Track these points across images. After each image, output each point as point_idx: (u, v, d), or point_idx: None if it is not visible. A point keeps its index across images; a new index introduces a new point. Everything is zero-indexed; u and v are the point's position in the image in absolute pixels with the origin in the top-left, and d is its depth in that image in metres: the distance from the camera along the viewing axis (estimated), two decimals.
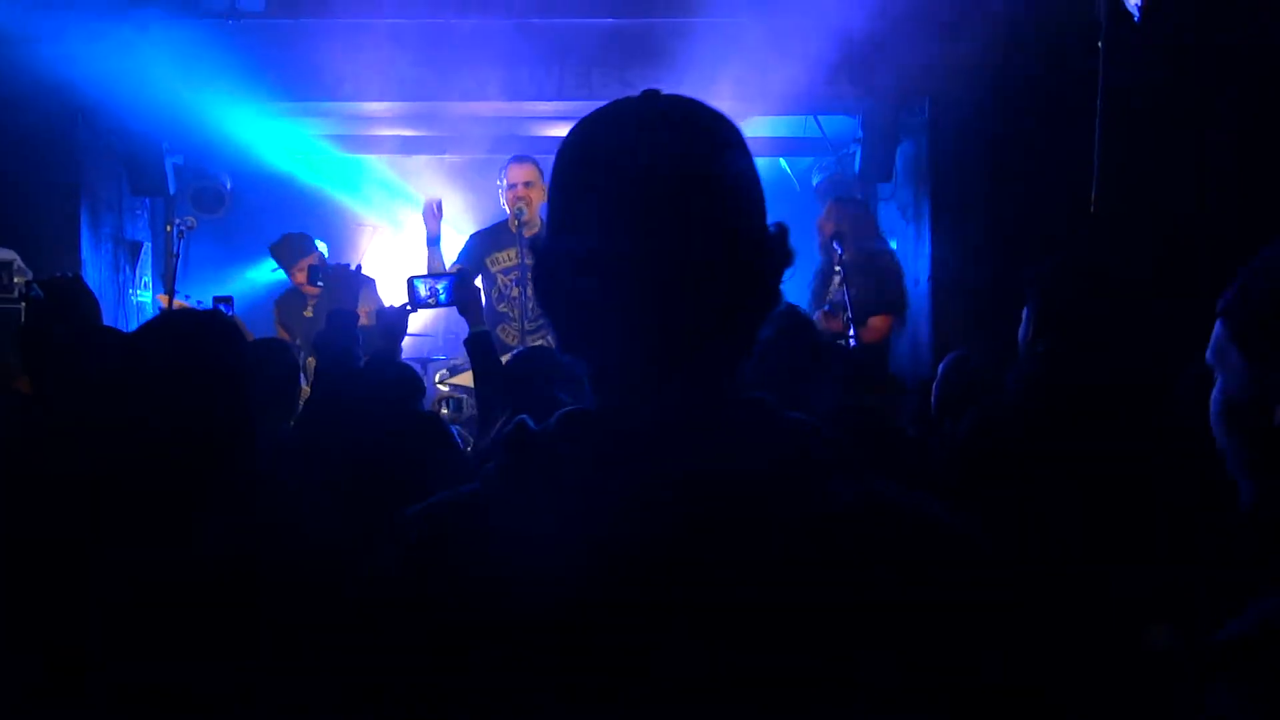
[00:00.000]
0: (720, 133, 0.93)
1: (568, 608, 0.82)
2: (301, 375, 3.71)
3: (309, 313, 5.45)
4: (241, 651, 1.66)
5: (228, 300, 4.63)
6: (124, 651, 1.65)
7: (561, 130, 6.00)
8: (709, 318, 0.89)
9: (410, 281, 3.54)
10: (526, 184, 4.95)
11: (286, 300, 5.71)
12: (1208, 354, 1.04)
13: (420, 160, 7.50)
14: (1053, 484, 2.03)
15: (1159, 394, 2.17)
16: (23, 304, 4.67)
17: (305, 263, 5.52)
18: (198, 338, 1.98)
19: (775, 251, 0.92)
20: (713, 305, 0.89)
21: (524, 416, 0.92)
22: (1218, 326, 1.03)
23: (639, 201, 0.87)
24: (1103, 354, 2.18)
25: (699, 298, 0.88)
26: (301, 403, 3.50)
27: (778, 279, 0.94)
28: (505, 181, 5.01)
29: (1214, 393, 1.02)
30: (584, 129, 0.95)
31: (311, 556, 1.93)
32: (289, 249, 5.64)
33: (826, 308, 5.04)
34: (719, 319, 0.90)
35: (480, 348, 3.28)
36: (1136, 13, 3.72)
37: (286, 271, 5.67)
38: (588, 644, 0.82)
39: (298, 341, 5.08)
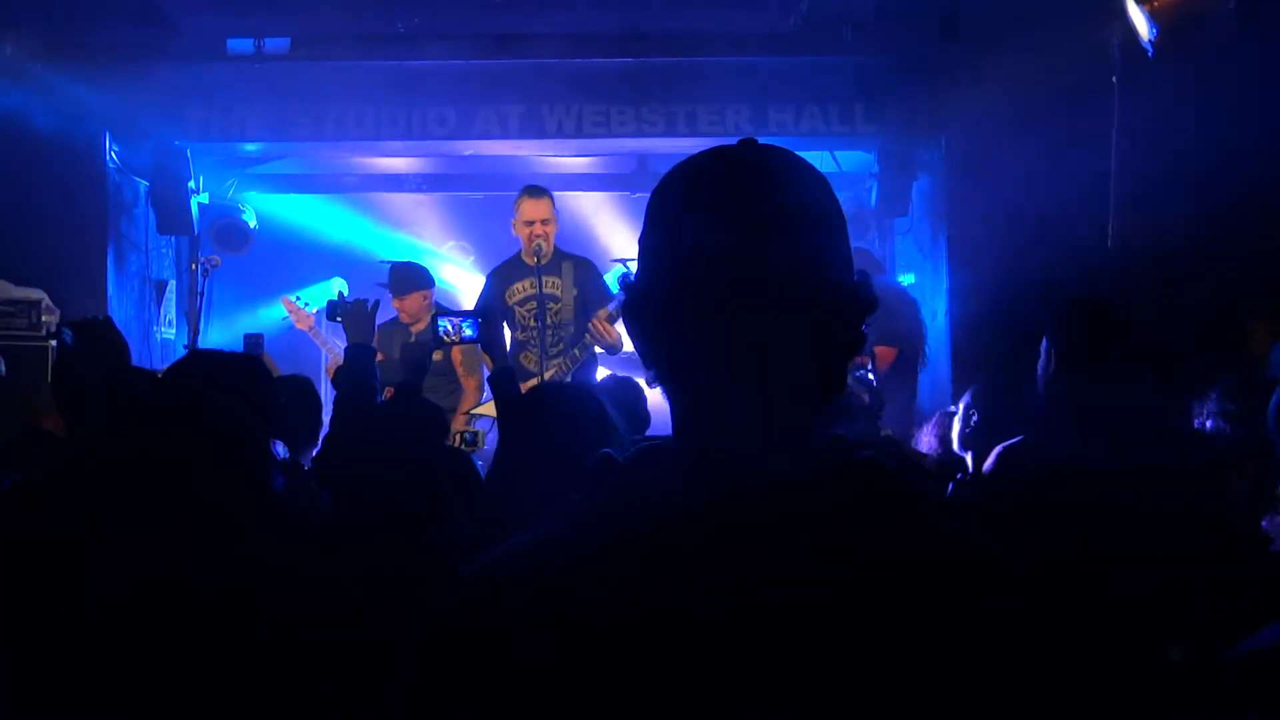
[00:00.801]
0: (813, 183, 0.96)
1: (666, 642, 0.84)
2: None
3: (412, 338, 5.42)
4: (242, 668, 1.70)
5: (258, 338, 4.67)
6: (142, 663, 1.70)
7: (579, 166, 6.08)
8: (799, 360, 0.92)
9: (435, 320, 3.60)
10: (543, 221, 5.00)
11: (387, 329, 5.60)
12: (1270, 369, 1.07)
13: (439, 197, 7.62)
14: (1077, 521, 2.03)
15: (1179, 426, 2.18)
16: (52, 343, 4.75)
17: (418, 295, 5.45)
18: (222, 380, 2.05)
19: (861, 297, 0.96)
20: (803, 348, 0.92)
21: (610, 450, 0.95)
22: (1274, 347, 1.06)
23: (734, 245, 0.90)
24: (1122, 389, 2.19)
25: (791, 342, 0.91)
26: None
27: (861, 323, 0.97)
28: (521, 217, 5.05)
29: (1274, 398, 1.03)
30: (681, 172, 0.97)
31: (321, 579, 1.99)
32: (408, 277, 5.48)
33: None
34: (808, 362, 0.92)
35: (504, 383, 3.32)
36: (1151, 50, 3.76)
37: (394, 295, 5.48)
38: (686, 682, 0.83)
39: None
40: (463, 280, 7.62)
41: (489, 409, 5.09)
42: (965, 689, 0.84)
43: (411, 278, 5.50)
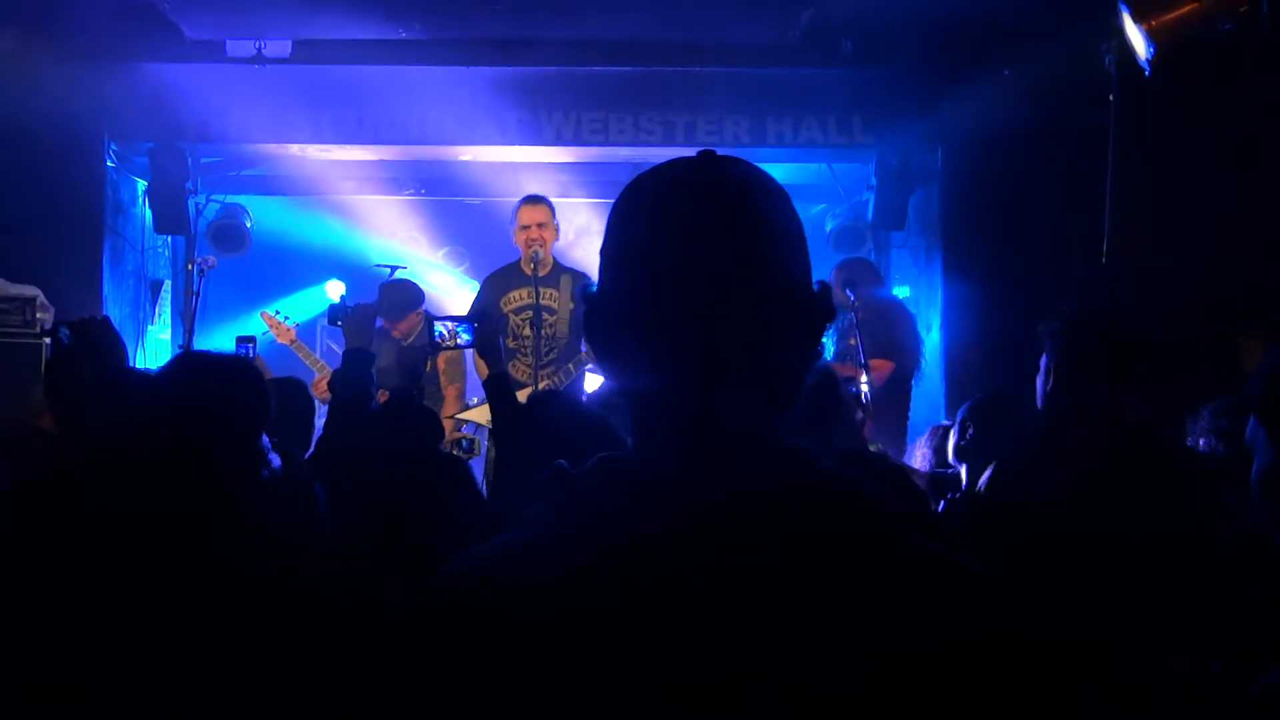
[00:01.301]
0: (771, 194, 0.97)
1: (615, 653, 0.85)
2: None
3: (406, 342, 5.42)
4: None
5: (250, 340, 4.67)
6: (141, 663, 1.70)
7: (575, 175, 6.07)
8: (756, 371, 0.93)
9: (429, 323, 3.59)
10: (540, 225, 5.01)
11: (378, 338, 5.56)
12: (1246, 436, 1.09)
13: (435, 202, 7.61)
14: (1075, 536, 2.03)
15: (1176, 441, 2.18)
16: (45, 340, 4.74)
17: (413, 316, 5.45)
18: (215, 379, 2.06)
19: (820, 308, 0.97)
20: (760, 359, 0.93)
21: (561, 462, 0.95)
22: (1251, 419, 1.08)
23: (690, 257, 0.92)
24: (1121, 405, 2.20)
25: (747, 352, 0.92)
26: None
27: (821, 334, 0.98)
28: (518, 223, 5.06)
29: (1254, 470, 1.06)
30: (639, 185, 0.99)
31: (318, 579, 2.00)
32: (401, 301, 5.47)
33: (838, 357, 5.09)
34: (766, 373, 0.93)
35: (499, 388, 3.32)
36: (1147, 68, 3.78)
37: (386, 317, 5.46)
38: (638, 696, 0.84)
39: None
40: (452, 286, 7.61)
41: (478, 414, 5.09)
42: (948, 690, 0.84)
43: (406, 301, 5.48)
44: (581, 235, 6.50)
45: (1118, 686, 1.82)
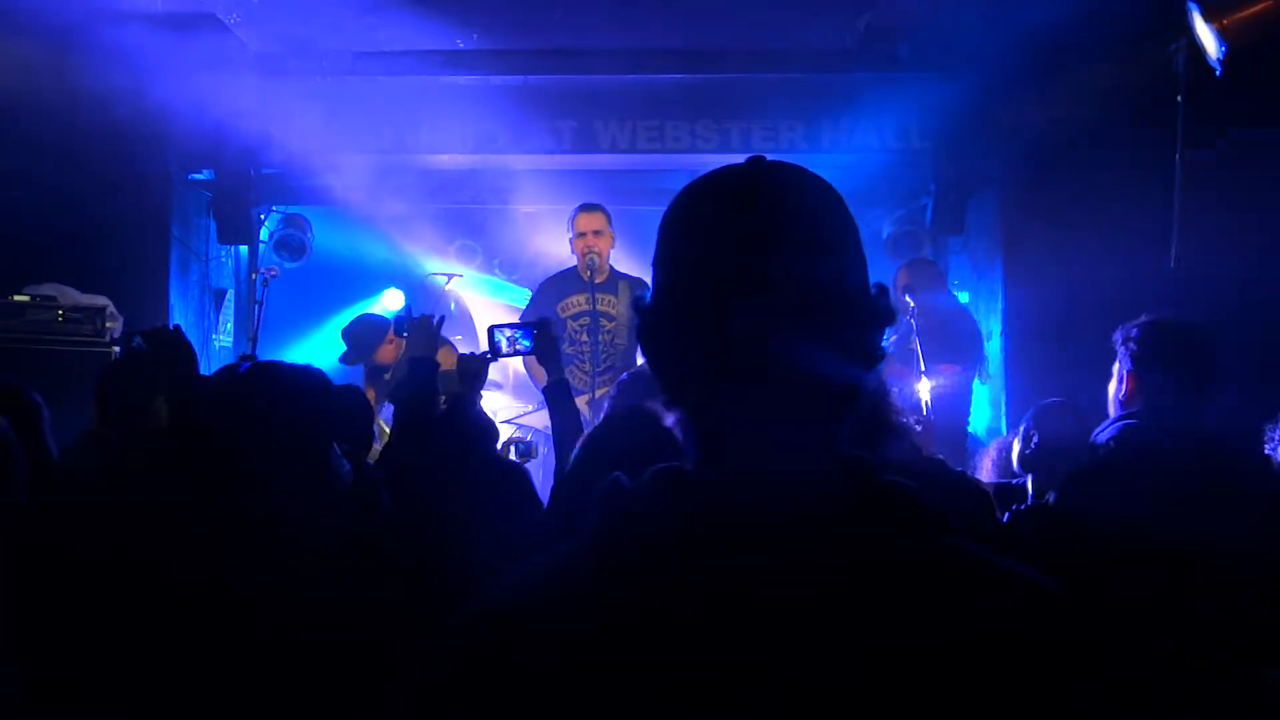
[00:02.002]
0: (823, 198, 0.95)
1: (673, 673, 0.84)
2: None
3: (388, 376, 5.53)
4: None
5: (250, 359, 4.79)
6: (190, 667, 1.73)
7: (631, 181, 6.09)
8: (815, 380, 0.91)
9: (491, 331, 3.60)
10: (596, 232, 5.04)
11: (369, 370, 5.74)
12: None
13: (490, 210, 7.66)
14: (1148, 553, 1.98)
15: (1255, 451, 2.12)
16: (115, 349, 4.85)
17: (388, 349, 5.49)
18: (279, 389, 2.09)
19: (878, 310, 0.95)
20: (819, 367, 0.91)
21: (618, 474, 0.94)
22: None
23: (744, 266, 0.90)
24: (1200, 413, 2.15)
25: (805, 361, 0.90)
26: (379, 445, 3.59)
27: (880, 337, 0.96)
28: (574, 230, 5.09)
29: None
30: (690, 193, 0.98)
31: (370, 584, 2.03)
32: (368, 340, 5.54)
33: (896, 358, 5.04)
34: (825, 381, 0.92)
35: (559, 395, 3.33)
36: (1219, 67, 3.69)
37: (365, 357, 5.56)
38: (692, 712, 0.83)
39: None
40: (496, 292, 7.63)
41: (538, 419, 5.12)
42: (964, 689, 0.83)
43: (369, 336, 5.48)
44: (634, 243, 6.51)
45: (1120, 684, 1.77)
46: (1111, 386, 2.36)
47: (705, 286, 0.92)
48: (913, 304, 4.94)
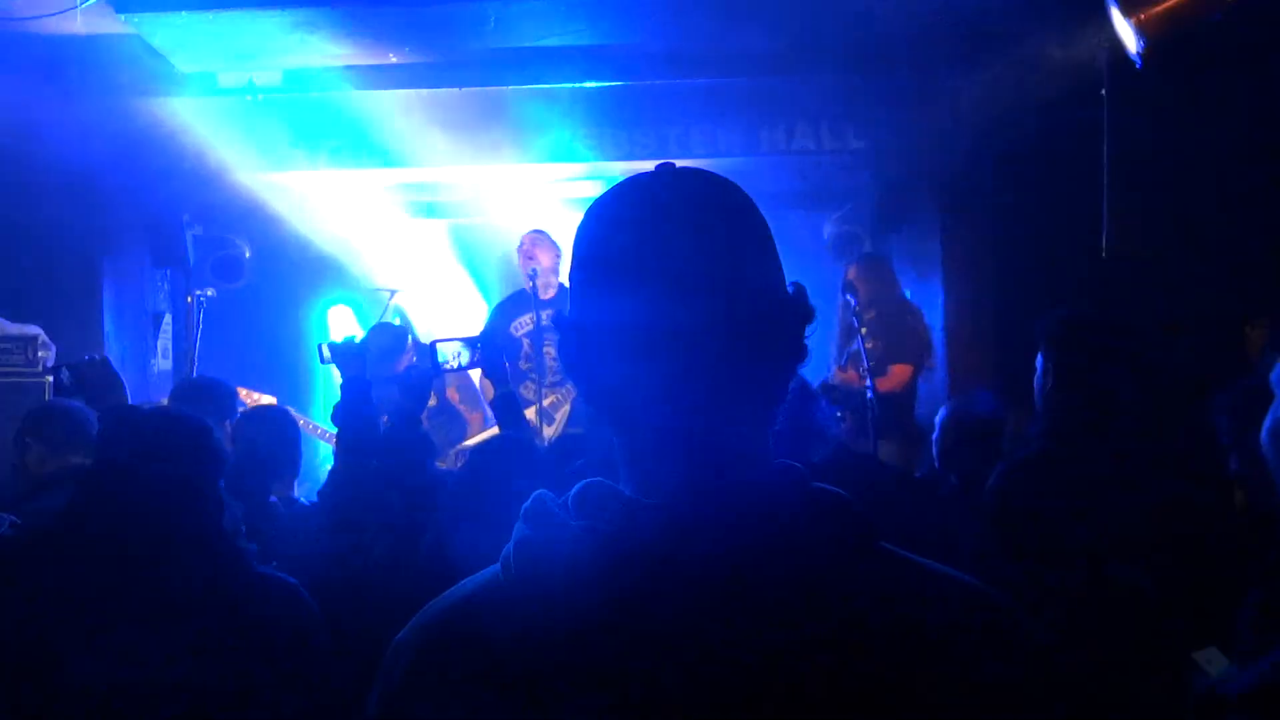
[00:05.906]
0: (733, 201, 0.95)
1: (594, 691, 0.83)
2: None
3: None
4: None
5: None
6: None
7: (573, 190, 6.06)
8: (734, 381, 0.91)
9: (433, 346, 3.57)
10: (534, 243, 5.31)
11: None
12: (1271, 377, 1.07)
13: (435, 224, 7.61)
14: (1081, 535, 2.01)
15: (1180, 434, 2.16)
16: (48, 379, 4.74)
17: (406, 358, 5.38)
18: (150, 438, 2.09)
19: (796, 310, 0.95)
20: (744, 369, 0.91)
21: (543, 492, 0.93)
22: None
23: (657, 273, 0.90)
24: (1121, 401, 2.18)
25: (723, 363, 0.90)
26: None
27: (800, 336, 0.96)
28: (520, 250, 5.38)
29: (1271, 411, 1.03)
30: (600, 205, 0.97)
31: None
32: (393, 349, 5.30)
33: (843, 362, 5.07)
34: (751, 382, 0.92)
35: (506, 408, 3.33)
36: (1139, 61, 3.76)
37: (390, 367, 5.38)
38: None
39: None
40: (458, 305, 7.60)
41: (491, 435, 5.10)
42: (913, 692, 0.83)
43: (394, 345, 5.37)
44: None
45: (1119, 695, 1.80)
46: (1035, 379, 2.40)
47: (626, 297, 0.91)
48: (854, 303, 4.97)
